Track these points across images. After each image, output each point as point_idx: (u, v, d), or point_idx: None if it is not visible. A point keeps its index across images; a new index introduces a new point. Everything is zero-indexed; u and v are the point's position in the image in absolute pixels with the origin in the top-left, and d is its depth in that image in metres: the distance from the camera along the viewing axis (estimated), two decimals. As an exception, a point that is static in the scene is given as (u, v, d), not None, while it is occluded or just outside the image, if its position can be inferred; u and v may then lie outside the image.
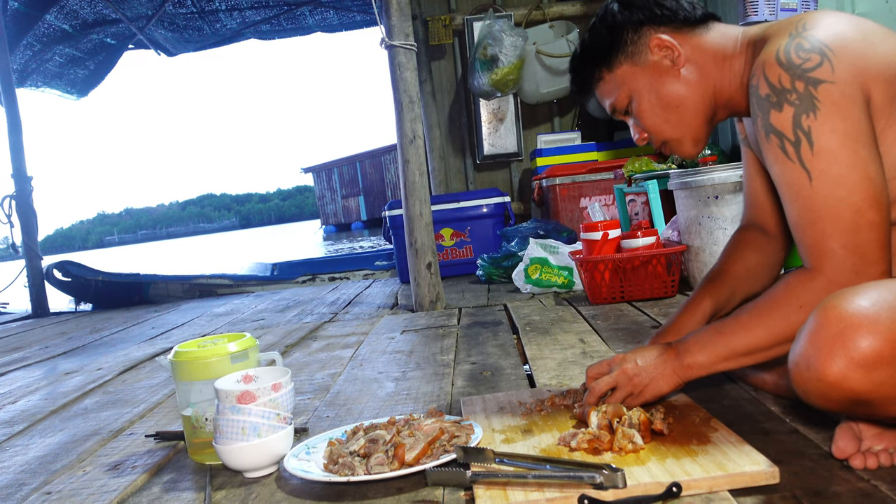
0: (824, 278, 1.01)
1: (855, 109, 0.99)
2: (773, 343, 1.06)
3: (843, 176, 0.99)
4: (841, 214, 0.99)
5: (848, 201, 0.99)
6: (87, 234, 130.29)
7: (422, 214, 3.05)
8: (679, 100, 1.19)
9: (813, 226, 1.02)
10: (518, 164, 5.31)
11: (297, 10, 5.47)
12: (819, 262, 1.02)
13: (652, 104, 1.21)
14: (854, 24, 1.05)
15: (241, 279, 5.28)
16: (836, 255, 1.00)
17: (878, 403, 0.90)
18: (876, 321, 0.86)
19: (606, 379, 1.22)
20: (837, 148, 0.98)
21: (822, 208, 1.00)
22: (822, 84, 0.99)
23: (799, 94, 1.00)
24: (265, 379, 1.32)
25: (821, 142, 0.99)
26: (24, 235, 5.05)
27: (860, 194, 0.98)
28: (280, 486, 1.20)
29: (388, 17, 2.99)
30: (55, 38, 5.12)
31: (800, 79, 1.00)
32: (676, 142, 1.23)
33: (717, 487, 0.95)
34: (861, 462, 0.99)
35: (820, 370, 0.88)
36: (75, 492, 1.31)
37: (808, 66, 1.00)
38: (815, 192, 1.00)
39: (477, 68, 4.60)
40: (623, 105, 1.24)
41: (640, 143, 1.27)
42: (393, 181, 28.55)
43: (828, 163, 0.99)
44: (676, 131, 1.22)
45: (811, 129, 0.99)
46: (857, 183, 0.98)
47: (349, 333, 2.74)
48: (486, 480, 1.01)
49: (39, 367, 2.81)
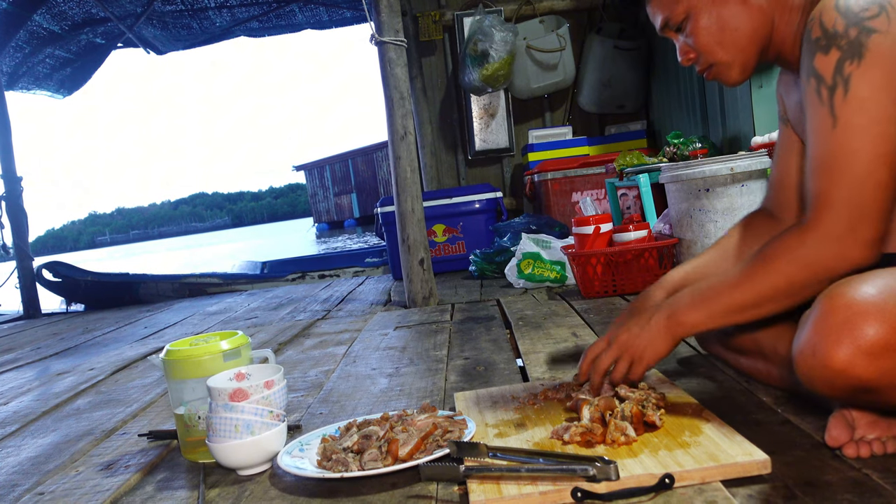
0: (819, 232, 1.01)
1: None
2: (767, 298, 1.06)
3: (865, 128, 0.97)
4: (852, 166, 0.98)
5: (863, 154, 0.98)
6: (78, 234, 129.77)
7: (414, 211, 3.05)
8: (739, 23, 1.16)
9: (823, 173, 1.01)
10: (510, 160, 5.31)
11: (287, 6, 5.44)
12: (819, 212, 1.01)
13: (711, 23, 1.17)
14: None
15: (231, 277, 5.27)
16: (835, 206, 0.99)
17: (883, 391, 0.90)
18: (883, 309, 0.87)
19: (607, 353, 1.23)
20: (869, 99, 0.97)
21: (837, 156, 0.99)
22: (875, 34, 0.97)
23: (849, 41, 0.99)
24: (258, 376, 1.31)
25: (855, 90, 0.98)
26: (15, 236, 5.03)
27: (877, 150, 0.97)
28: (274, 483, 1.19)
29: (377, 13, 2.98)
30: (45, 41, 5.09)
31: (854, 25, 0.99)
32: (725, 65, 1.20)
33: (710, 478, 0.96)
34: (854, 451, 0.99)
35: (826, 357, 0.89)
36: (68, 492, 1.30)
37: (865, 15, 0.98)
38: (835, 138, 1.00)
39: (467, 64, 4.59)
40: (678, 21, 1.20)
41: (685, 63, 1.24)
42: (385, 178, 28.50)
43: (855, 112, 0.98)
44: (728, 54, 1.19)
45: (851, 75, 0.98)
46: (878, 138, 0.97)
47: (342, 330, 2.74)
48: (480, 475, 1.01)
49: (31, 368, 2.80)
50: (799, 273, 1.03)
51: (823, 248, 1.01)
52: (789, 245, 1.04)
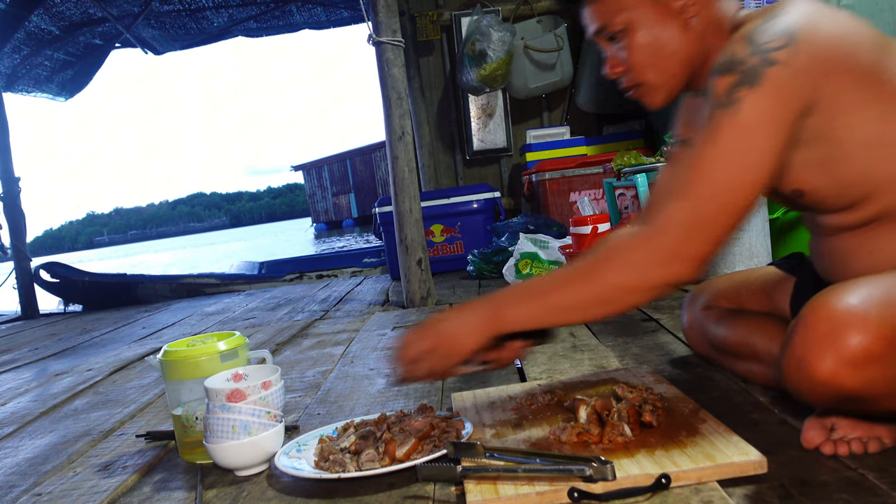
0: (651, 242, 1.01)
1: (793, 101, 0.97)
2: (591, 303, 1.06)
3: (737, 152, 0.97)
4: (704, 183, 0.99)
5: (719, 175, 0.98)
6: (76, 234, 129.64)
7: (412, 211, 3.05)
8: (676, 47, 1.14)
9: (677, 182, 1.01)
10: (508, 160, 5.31)
11: (285, 6, 5.44)
12: (658, 217, 1.02)
13: (647, 42, 1.14)
14: (831, 15, 1.03)
15: (228, 278, 5.26)
16: (675, 217, 1.00)
17: (870, 400, 0.90)
18: (865, 319, 0.86)
19: (419, 342, 1.15)
20: (752, 125, 0.97)
21: (696, 170, 0.99)
22: (775, 65, 0.97)
23: (748, 66, 0.98)
24: (255, 377, 1.31)
25: (742, 114, 0.97)
26: (13, 237, 5.02)
27: (740, 175, 0.97)
28: (271, 483, 1.20)
29: (375, 13, 2.98)
30: (43, 42, 5.08)
31: (757, 54, 0.99)
32: (653, 87, 1.17)
33: (706, 478, 0.96)
34: (831, 449, 1.00)
35: (810, 369, 0.89)
36: (66, 493, 1.30)
37: (769, 46, 0.98)
38: (703, 152, 0.99)
39: (465, 64, 4.59)
40: (614, 31, 1.17)
41: (611, 75, 1.21)
42: (383, 178, 28.49)
43: (733, 134, 0.98)
44: (659, 77, 1.16)
45: (741, 99, 0.98)
46: (745, 164, 0.97)
47: (340, 330, 2.74)
48: (477, 475, 1.01)
49: (29, 369, 2.80)
50: (624, 281, 1.03)
51: (650, 258, 1.01)
52: (620, 251, 1.04)
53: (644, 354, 1.75)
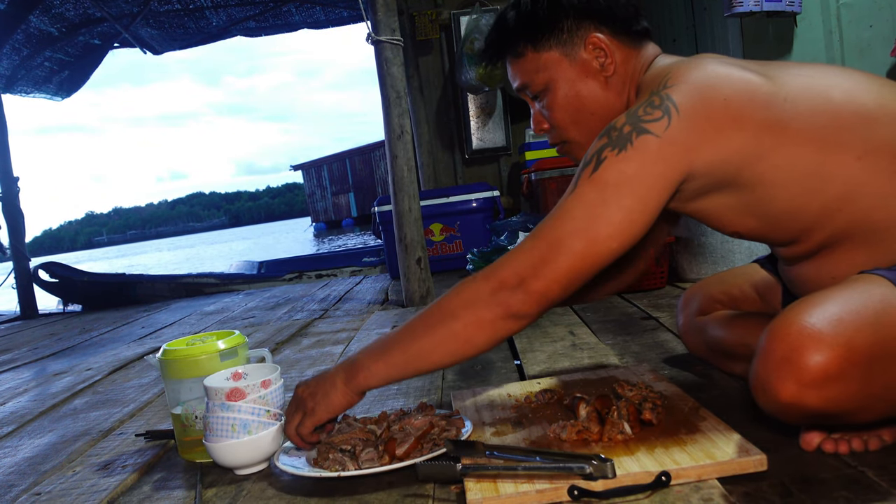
0: (493, 276, 1.04)
1: (659, 166, 0.99)
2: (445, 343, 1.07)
3: (593, 203, 0.99)
4: (558, 227, 1.01)
5: (573, 222, 1.00)
6: (75, 234, 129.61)
7: (411, 210, 3.05)
8: (596, 105, 1.17)
9: (539, 226, 1.04)
10: (507, 159, 5.31)
11: (284, 6, 5.44)
12: (509, 254, 1.05)
13: (568, 101, 1.17)
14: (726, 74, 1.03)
15: (228, 277, 5.26)
16: (522, 255, 1.02)
17: (840, 415, 0.90)
18: (819, 339, 0.85)
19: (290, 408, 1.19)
20: (612, 183, 0.99)
21: (555, 216, 1.02)
22: (646, 134, 0.99)
23: (620, 133, 1.01)
24: (255, 376, 1.31)
25: (603, 172, 1.00)
26: (11, 237, 5.02)
27: (594, 227, 0.99)
28: (271, 482, 1.19)
29: (374, 12, 2.98)
30: (42, 43, 5.08)
31: (631, 125, 1.01)
32: (577, 145, 1.20)
33: (706, 476, 0.96)
34: (832, 446, 1.00)
35: (773, 393, 0.88)
36: (65, 492, 1.30)
37: (645, 118, 1.00)
38: (562, 203, 1.02)
39: (464, 63, 4.59)
40: (537, 90, 1.20)
41: (538, 132, 1.25)
42: (383, 177, 28.48)
43: (590, 188, 1.00)
44: (581, 135, 1.19)
45: (605, 159, 1.00)
46: (601, 217, 0.99)
47: (340, 329, 2.74)
48: (477, 473, 1.01)
49: (28, 369, 2.80)
50: (472, 316, 1.05)
51: (493, 290, 1.04)
52: (466, 288, 1.07)
53: (644, 352, 1.75)
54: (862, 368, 0.86)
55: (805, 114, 1.01)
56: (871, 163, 0.99)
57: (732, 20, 3.18)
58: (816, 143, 1.00)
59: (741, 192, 1.04)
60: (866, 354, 0.86)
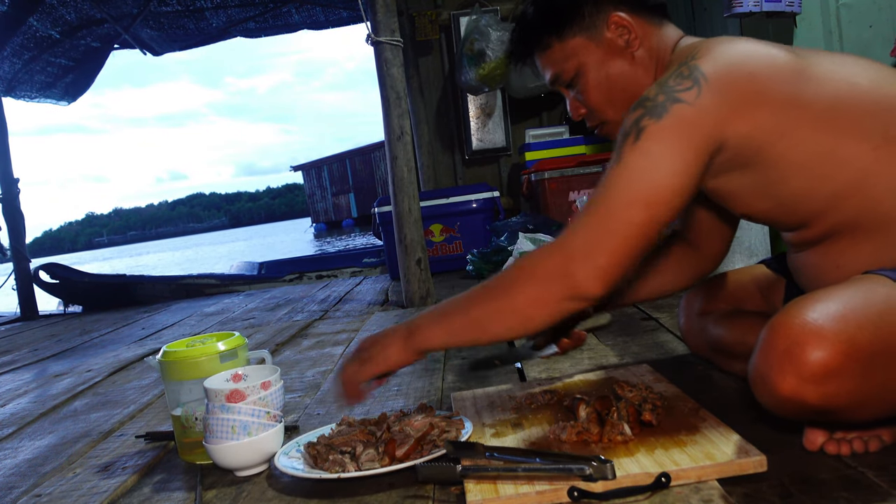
0: (553, 254, 1.04)
1: (696, 135, 1.01)
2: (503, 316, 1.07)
3: (640, 170, 1.01)
4: (611, 198, 1.02)
5: (628, 191, 1.01)
6: (76, 235, 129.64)
7: (411, 210, 3.05)
8: (626, 82, 1.19)
9: (590, 201, 1.04)
10: (507, 159, 5.31)
11: (284, 7, 5.44)
12: (565, 233, 1.05)
13: (600, 82, 1.20)
14: (749, 51, 1.05)
15: (228, 278, 5.26)
16: (579, 231, 1.03)
17: (838, 412, 0.90)
18: (820, 334, 0.86)
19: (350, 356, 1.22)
20: (653, 148, 1.00)
21: (605, 188, 1.03)
22: (680, 103, 1.01)
23: (655, 103, 1.02)
24: (254, 377, 1.31)
25: (644, 140, 1.01)
26: (12, 238, 5.02)
27: (642, 193, 1.00)
28: (271, 484, 1.20)
29: (373, 13, 2.98)
30: (43, 46, 5.07)
31: (665, 94, 1.03)
32: (616, 124, 1.20)
33: (706, 477, 0.96)
34: (835, 448, 1.00)
35: (773, 387, 0.89)
36: (65, 494, 1.30)
37: (677, 88, 1.02)
38: (610, 174, 1.03)
39: (464, 63, 4.59)
40: (568, 77, 1.22)
41: (576, 118, 1.26)
42: (383, 178, 28.46)
43: (637, 156, 1.01)
44: (617, 114, 1.20)
45: (645, 128, 1.01)
46: (648, 182, 1.00)
47: (340, 330, 2.74)
48: (477, 475, 1.01)
49: (29, 370, 2.80)
50: (531, 293, 1.05)
51: (554, 270, 1.03)
52: (528, 264, 1.07)
53: (644, 353, 1.75)
54: (862, 366, 0.86)
55: (827, 96, 1.02)
56: (888, 153, 1.00)
57: (732, 20, 3.18)
58: (835, 126, 1.01)
59: (759, 171, 1.06)
60: (867, 352, 0.86)
